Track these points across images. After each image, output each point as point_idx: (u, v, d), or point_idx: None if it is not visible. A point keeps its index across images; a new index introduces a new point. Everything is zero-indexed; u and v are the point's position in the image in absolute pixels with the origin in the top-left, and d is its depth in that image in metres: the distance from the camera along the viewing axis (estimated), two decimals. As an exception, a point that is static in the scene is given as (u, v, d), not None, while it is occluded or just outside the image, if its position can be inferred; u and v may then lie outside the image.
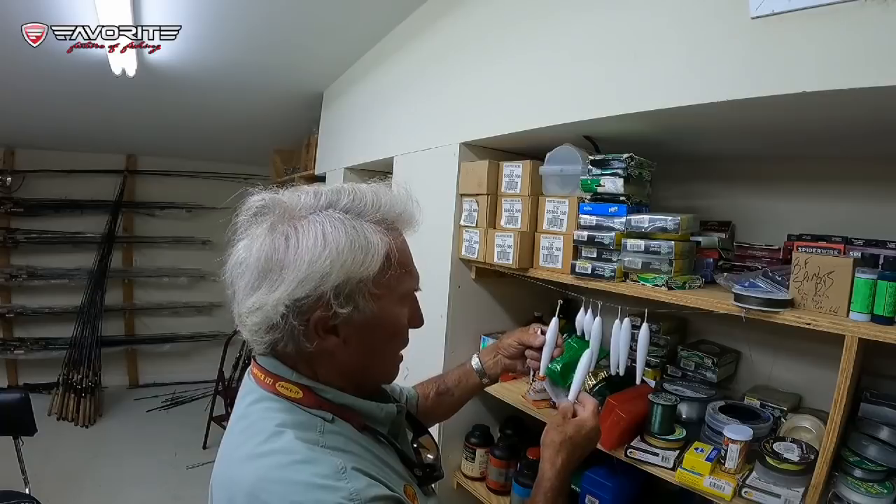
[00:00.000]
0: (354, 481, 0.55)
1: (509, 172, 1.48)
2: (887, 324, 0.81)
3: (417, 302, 0.75)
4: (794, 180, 1.30)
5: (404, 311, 0.70)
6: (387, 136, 2.21)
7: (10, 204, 4.04)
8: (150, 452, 3.41)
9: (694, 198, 1.48)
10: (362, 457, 0.62)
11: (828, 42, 0.76)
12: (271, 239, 0.60)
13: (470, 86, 1.63)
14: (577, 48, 1.23)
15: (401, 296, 0.69)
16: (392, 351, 0.72)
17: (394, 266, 0.65)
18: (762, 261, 1.26)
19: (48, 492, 2.49)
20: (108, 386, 4.31)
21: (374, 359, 0.69)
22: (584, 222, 1.28)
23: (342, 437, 0.63)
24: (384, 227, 0.65)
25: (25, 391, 2.16)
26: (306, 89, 3.01)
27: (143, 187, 4.56)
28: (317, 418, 0.62)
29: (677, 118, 1.04)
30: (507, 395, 1.52)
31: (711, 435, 1.13)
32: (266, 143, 4.24)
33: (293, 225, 0.61)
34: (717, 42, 0.92)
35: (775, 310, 0.92)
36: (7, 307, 4.08)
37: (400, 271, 0.66)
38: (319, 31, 2.22)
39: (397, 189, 0.71)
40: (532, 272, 1.41)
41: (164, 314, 4.69)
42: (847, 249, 1.09)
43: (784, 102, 0.83)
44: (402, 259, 0.67)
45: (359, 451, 0.63)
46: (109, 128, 3.71)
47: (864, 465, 0.90)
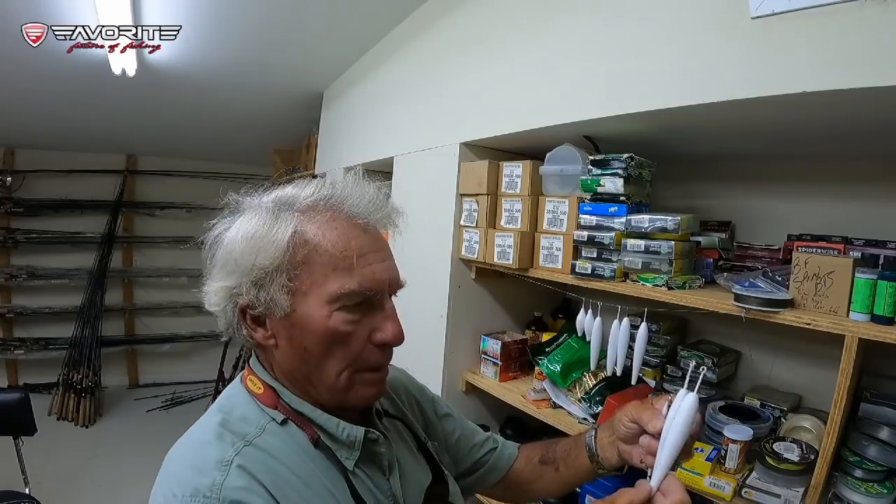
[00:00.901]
0: (231, 477, 0.53)
1: (509, 172, 1.48)
2: (887, 324, 0.81)
3: (385, 312, 0.62)
4: (794, 180, 1.30)
5: (338, 314, 0.59)
6: (387, 136, 2.21)
7: (10, 204, 4.04)
8: (150, 452, 3.37)
9: (694, 198, 1.48)
10: (291, 469, 0.57)
11: (828, 42, 0.76)
12: (216, 233, 0.64)
13: (470, 86, 1.63)
14: (577, 48, 1.23)
15: (330, 295, 0.58)
16: (329, 359, 0.60)
17: (306, 257, 0.59)
18: (762, 261, 1.26)
19: (48, 492, 2.49)
20: (108, 386, 4.31)
21: (310, 364, 0.60)
22: (584, 222, 1.28)
23: (285, 443, 0.59)
24: (307, 216, 0.60)
25: (25, 391, 2.15)
26: (306, 89, 3.01)
27: (143, 187, 4.56)
28: (267, 417, 0.61)
29: (677, 118, 1.05)
30: (508, 395, 1.52)
31: (711, 435, 1.13)
32: (266, 143, 4.24)
33: (233, 219, 0.64)
34: (717, 42, 0.92)
35: (775, 310, 0.92)
36: (7, 307, 4.08)
37: (320, 266, 0.59)
38: (319, 31, 2.22)
39: (364, 183, 0.66)
40: (532, 272, 1.41)
41: (164, 314, 4.68)
42: (847, 249, 1.09)
43: (784, 102, 0.83)
44: (321, 253, 0.59)
45: (293, 462, 0.58)
46: (109, 128, 3.71)
47: (864, 465, 0.90)
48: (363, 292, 0.59)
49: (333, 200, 0.62)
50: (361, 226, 0.62)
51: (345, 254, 0.59)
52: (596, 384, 1.34)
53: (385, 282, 0.62)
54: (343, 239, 0.60)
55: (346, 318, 0.59)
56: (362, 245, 0.60)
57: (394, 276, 0.63)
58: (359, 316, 0.60)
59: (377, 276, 0.61)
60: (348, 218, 0.61)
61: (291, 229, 0.59)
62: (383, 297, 0.62)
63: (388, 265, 0.63)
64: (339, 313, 0.59)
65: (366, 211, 0.63)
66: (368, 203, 0.63)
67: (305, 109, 3.24)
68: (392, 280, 0.63)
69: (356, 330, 0.60)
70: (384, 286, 0.62)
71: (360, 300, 0.60)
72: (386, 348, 0.63)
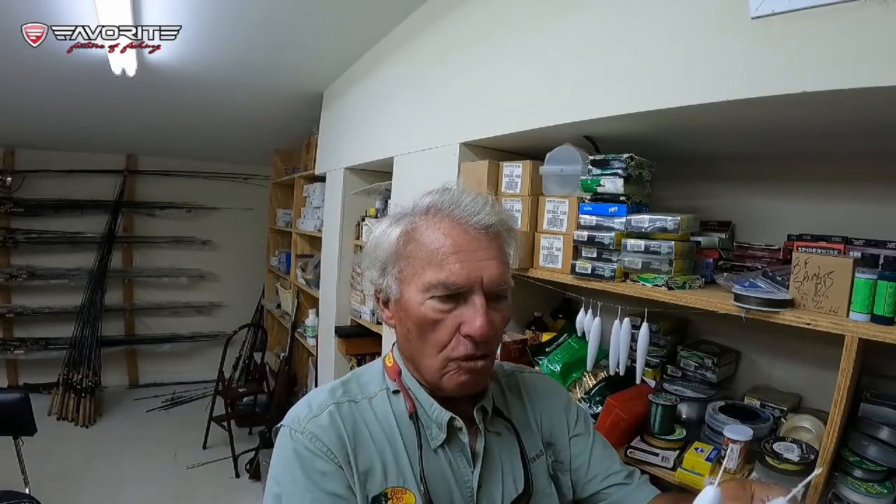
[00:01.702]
0: (321, 416, 0.67)
1: (509, 172, 1.48)
2: (887, 324, 0.81)
3: (470, 306, 0.67)
4: (794, 180, 1.30)
5: (430, 301, 0.67)
6: (387, 135, 2.21)
7: (10, 204, 4.04)
8: (150, 452, 3.41)
9: (694, 198, 1.48)
10: (382, 428, 0.69)
11: (828, 42, 0.76)
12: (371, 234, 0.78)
13: (470, 86, 1.63)
14: (577, 48, 1.23)
15: (424, 284, 0.67)
16: (425, 343, 0.69)
17: (410, 251, 0.69)
18: (762, 261, 1.26)
19: (48, 492, 2.49)
20: (108, 386, 4.31)
21: (413, 345, 0.70)
22: (584, 222, 1.28)
23: (388, 408, 0.72)
24: (420, 218, 0.71)
25: (25, 391, 2.16)
26: (306, 89, 3.01)
27: (143, 187, 4.56)
28: (385, 385, 0.74)
29: (677, 118, 1.04)
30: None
31: (711, 435, 1.13)
32: (266, 143, 4.25)
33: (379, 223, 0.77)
34: (717, 42, 0.92)
35: (775, 310, 0.92)
36: (7, 307, 4.08)
37: (419, 260, 0.68)
38: (319, 31, 2.22)
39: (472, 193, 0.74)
40: (532, 272, 1.41)
41: (164, 314, 4.69)
42: (847, 249, 1.09)
43: (784, 102, 0.83)
44: (422, 248, 0.68)
45: (385, 424, 0.70)
46: (109, 128, 3.71)
47: (864, 465, 0.90)
48: (448, 285, 0.66)
49: (443, 205, 0.71)
50: (464, 227, 0.68)
51: (439, 250, 0.67)
52: (596, 384, 1.34)
53: (475, 279, 0.66)
54: (441, 237, 0.68)
55: (436, 306, 0.67)
56: (459, 244, 0.67)
57: (491, 275, 0.67)
58: (450, 306, 0.67)
59: (464, 272, 0.66)
60: (452, 220, 0.69)
61: (401, 229, 0.71)
62: (473, 293, 0.67)
63: (483, 265, 0.67)
64: (431, 301, 0.67)
65: (470, 214, 0.69)
66: (473, 208, 0.70)
67: (305, 109, 3.24)
68: (488, 278, 0.67)
69: (446, 319, 0.67)
70: (473, 282, 0.66)
71: (449, 292, 0.66)
72: (474, 341, 0.67)
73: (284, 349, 3.65)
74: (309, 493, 0.63)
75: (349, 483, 0.64)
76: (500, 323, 0.70)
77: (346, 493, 0.64)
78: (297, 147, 4.00)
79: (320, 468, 0.64)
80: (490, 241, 0.69)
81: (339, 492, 0.63)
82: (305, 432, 0.65)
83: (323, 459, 0.64)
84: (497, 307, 0.69)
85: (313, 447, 0.64)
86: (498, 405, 0.78)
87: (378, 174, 2.62)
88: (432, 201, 0.72)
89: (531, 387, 0.86)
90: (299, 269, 3.52)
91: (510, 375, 0.87)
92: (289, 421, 0.68)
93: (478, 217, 0.69)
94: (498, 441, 0.76)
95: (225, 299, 4.87)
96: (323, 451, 0.64)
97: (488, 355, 0.70)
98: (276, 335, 4.27)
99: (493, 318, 0.68)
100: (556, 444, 0.82)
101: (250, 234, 4.81)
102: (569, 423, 0.85)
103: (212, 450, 3.46)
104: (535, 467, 0.76)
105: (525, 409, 0.83)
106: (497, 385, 0.82)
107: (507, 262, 0.72)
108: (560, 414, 0.85)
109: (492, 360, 0.72)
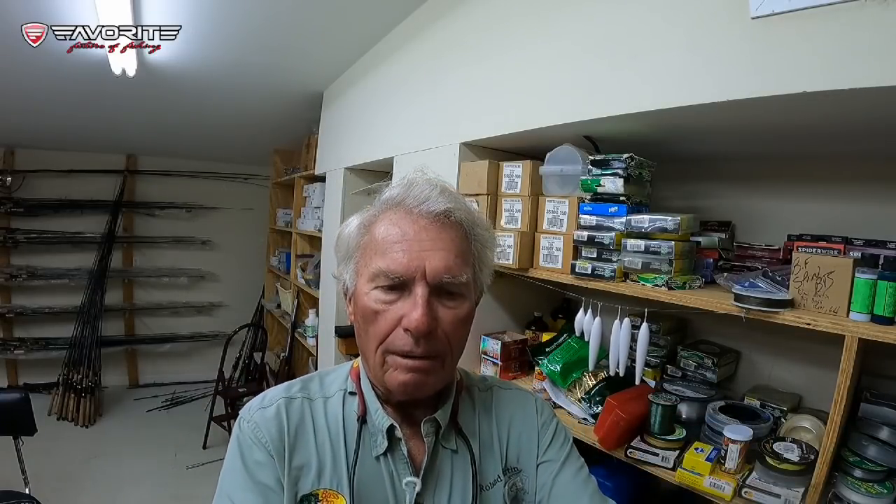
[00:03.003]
0: (270, 409, 0.68)
1: (509, 172, 1.48)
2: (887, 324, 0.81)
3: (410, 298, 0.63)
4: (794, 180, 1.30)
5: (374, 292, 0.64)
6: (387, 136, 2.21)
7: (10, 204, 4.04)
8: (149, 452, 3.41)
9: (694, 198, 1.48)
10: (328, 429, 0.68)
11: (828, 42, 0.76)
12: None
13: (470, 86, 1.63)
14: (577, 48, 1.23)
15: (370, 275, 0.64)
16: (368, 336, 0.65)
17: (365, 243, 0.67)
18: (762, 261, 1.26)
19: (48, 492, 2.49)
20: (108, 386, 4.31)
21: (361, 341, 0.68)
22: (584, 222, 1.28)
23: (340, 409, 0.70)
24: (379, 209, 0.69)
25: (25, 391, 2.15)
26: (306, 89, 3.01)
27: (143, 187, 4.56)
28: (345, 385, 0.73)
29: (677, 118, 1.04)
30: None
31: (711, 435, 1.13)
32: (266, 143, 4.25)
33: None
34: (717, 42, 0.92)
35: (775, 310, 0.92)
36: (7, 307, 4.08)
37: (370, 250, 0.66)
38: (319, 32, 2.22)
39: (430, 181, 0.69)
40: (532, 272, 1.41)
41: (164, 314, 4.69)
42: (847, 249, 1.09)
43: (784, 102, 0.83)
44: (373, 238, 0.66)
45: (332, 425, 0.69)
46: (109, 128, 3.71)
47: (864, 465, 0.90)
48: (388, 273, 0.63)
49: (398, 195, 0.68)
50: (413, 216, 0.65)
51: (386, 239, 0.64)
52: (596, 384, 1.34)
53: (416, 268, 0.62)
54: (390, 227, 0.65)
55: (379, 297, 0.64)
56: (405, 232, 0.64)
57: (434, 266, 0.62)
58: (392, 297, 0.64)
59: (405, 261, 0.62)
60: (403, 209, 0.66)
61: (359, 221, 0.70)
62: (415, 283, 0.62)
63: (428, 254, 0.63)
64: (375, 292, 0.64)
65: (419, 201, 0.65)
66: (422, 195, 0.66)
67: (305, 109, 3.24)
68: (431, 269, 0.62)
69: (387, 311, 0.63)
70: (413, 272, 0.62)
71: (390, 282, 0.63)
72: (414, 336, 0.62)
73: (284, 349, 3.65)
74: (241, 479, 0.64)
75: (279, 476, 0.64)
76: (449, 321, 0.64)
77: (276, 486, 0.63)
78: (297, 147, 3.99)
79: (256, 458, 0.64)
80: (440, 231, 0.64)
81: (269, 483, 0.63)
82: (251, 422, 0.67)
83: (259, 449, 0.65)
84: (447, 303, 0.64)
85: (253, 437, 0.65)
86: (463, 420, 0.73)
87: (378, 174, 2.62)
88: (391, 193, 0.69)
89: (504, 405, 0.78)
90: (299, 269, 3.51)
91: (487, 391, 0.79)
92: (243, 410, 0.70)
93: (426, 204, 0.65)
94: (453, 459, 0.70)
95: (225, 299, 4.87)
96: (262, 441, 0.65)
97: (435, 357, 0.64)
98: (276, 335, 4.27)
99: (441, 315, 0.63)
100: (523, 470, 0.74)
101: (250, 234, 4.81)
102: (539, 448, 0.75)
103: (212, 450, 3.46)
104: (488, 495, 0.70)
105: (491, 428, 0.75)
106: (469, 399, 0.76)
107: (462, 255, 0.65)
108: (531, 437, 0.76)
109: (441, 364, 0.66)
